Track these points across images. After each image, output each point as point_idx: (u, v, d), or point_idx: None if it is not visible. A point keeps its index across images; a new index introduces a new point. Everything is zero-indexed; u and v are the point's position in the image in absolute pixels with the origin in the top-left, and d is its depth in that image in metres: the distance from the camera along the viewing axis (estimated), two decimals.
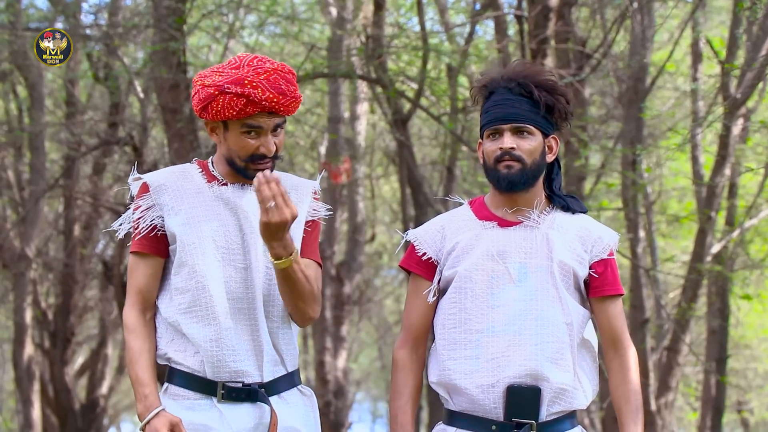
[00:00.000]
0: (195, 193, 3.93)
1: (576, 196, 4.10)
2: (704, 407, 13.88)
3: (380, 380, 28.24)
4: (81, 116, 13.93)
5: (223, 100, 3.82)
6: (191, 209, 3.89)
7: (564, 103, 3.94)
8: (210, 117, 3.89)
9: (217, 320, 3.82)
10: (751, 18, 8.36)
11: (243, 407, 3.84)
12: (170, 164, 10.22)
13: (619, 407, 3.94)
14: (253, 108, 3.82)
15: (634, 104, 10.59)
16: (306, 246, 3.98)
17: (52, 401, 15.42)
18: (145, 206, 3.92)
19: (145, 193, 3.94)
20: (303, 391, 4.00)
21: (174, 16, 9.90)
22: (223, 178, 3.96)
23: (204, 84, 3.86)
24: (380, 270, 20.88)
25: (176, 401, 3.86)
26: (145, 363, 3.86)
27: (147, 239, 3.91)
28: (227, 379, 3.83)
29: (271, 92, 3.83)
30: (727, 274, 11.86)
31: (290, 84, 3.88)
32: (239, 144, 3.87)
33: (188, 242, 3.86)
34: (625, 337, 3.96)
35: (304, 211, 4.01)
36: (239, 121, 3.85)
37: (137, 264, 3.92)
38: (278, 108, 3.85)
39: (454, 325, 3.90)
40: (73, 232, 14.87)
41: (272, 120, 3.87)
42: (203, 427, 3.82)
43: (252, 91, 3.81)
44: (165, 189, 3.93)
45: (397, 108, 11.73)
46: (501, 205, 3.96)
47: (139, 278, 3.91)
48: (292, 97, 3.87)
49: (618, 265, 4.04)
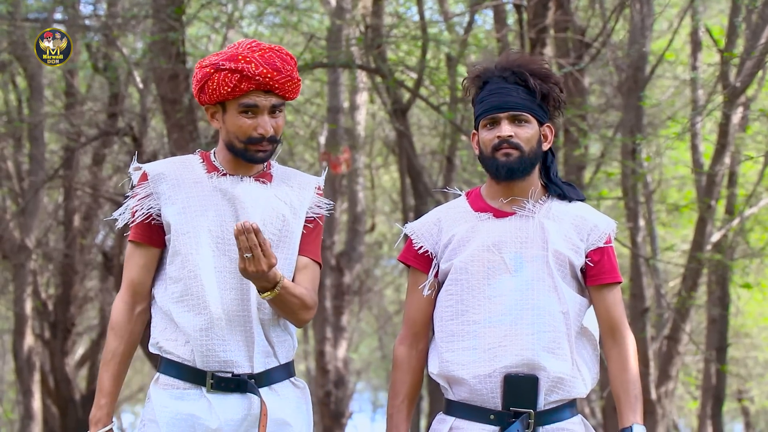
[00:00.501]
0: (193, 183, 3.92)
1: (573, 184, 4.09)
2: (704, 396, 13.90)
3: (381, 370, 28.25)
4: (80, 107, 13.92)
5: (218, 78, 3.84)
6: (188, 199, 3.88)
7: (558, 92, 3.94)
8: (207, 99, 3.89)
9: (207, 309, 3.81)
10: (750, 6, 8.36)
11: (232, 398, 3.83)
12: (170, 155, 10.23)
13: (617, 396, 3.93)
14: (247, 84, 3.83)
15: (634, 93, 10.58)
16: (305, 244, 3.97)
17: (52, 392, 15.43)
18: (143, 194, 3.92)
19: (143, 181, 3.94)
20: (296, 384, 3.97)
21: (173, 7, 9.89)
22: (223, 168, 3.96)
23: (201, 65, 3.90)
24: (380, 260, 20.88)
25: (165, 390, 3.86)
26: (113, 370, 3.88)
27: (142, 228, 3.91)
28: (216, 369, 3.82)
29: (265, 67, 3.83)
30: (727, 263, 11.86)
31: (286, 63, 3.88)
32: (236, 124, 3.87)
33: (183, 231, 3.86)
34: (624, 325, 3.95)
35: (305, 207, 4.00)
36: (235, 100, 3.85)
37: (132, 254, 3.93)
38: (273, 85, 3.85)
39: (452, 317, 3.90)
40: (72, 222, 14.86)
41: (268, 99, 3.86)
42: (190, 417, 3.81)
43: (245, 66, 3.82)
44: (163, 178, 3.93)
45: (396, 98, 11.72)
46: (497, 196, 3.96)
47: (132, 269, 3.92)
48: (287, 75, 3.87)
49: (618, 255, 4.03)
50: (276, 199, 3.94)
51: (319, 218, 4.03)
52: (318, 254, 4.01)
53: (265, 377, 3.87)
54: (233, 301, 3.84)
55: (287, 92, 3.90)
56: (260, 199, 3.92)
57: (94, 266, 15.73)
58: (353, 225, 14.77)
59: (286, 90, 3.89)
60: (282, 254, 3.89)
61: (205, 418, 3.80)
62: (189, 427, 3.81)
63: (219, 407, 3.81)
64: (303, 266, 3.96)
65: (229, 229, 3.85)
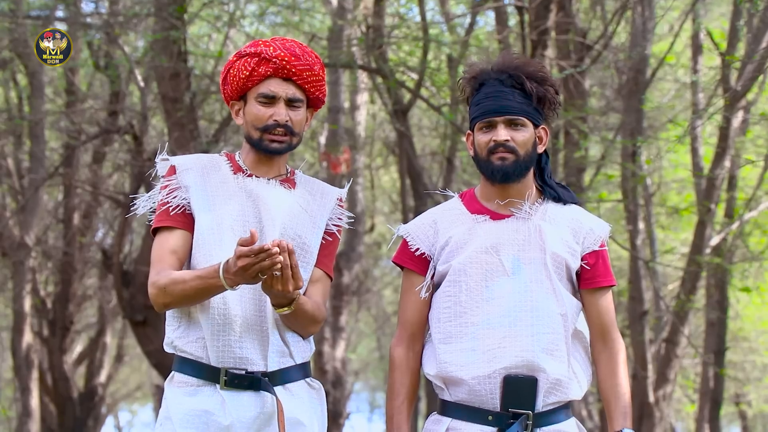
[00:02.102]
0: (220, 182, 3.94)
1: (567, 186, 4.10)
2: (702, 399, 13.89)
3: (379, 370, 28.25)
4: (81, 105, 13.91)
5: (239, 64, 3.91)
6: (214, 197, 3.89)
7: (553, 94, 3.95)
8: (230, 90, 3.94)
9: (226, 306, 3.81)
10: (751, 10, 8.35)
11: (245, 395, 3.83)
12: (170, 153, 10.22)
13: (607, 400, 3.94)
14: (265, 67, 3.88)
15: (635, 96, 10.58)
16: (322, 257, 3.99)
17: (50, 389, 15.43)
18: (173, 186, 3.93)
19: (172, 174, 3.95)
20: (311, 384, 3.98)
21: (175, 5, 9.89)
22: (248, 169, 3.97)
23: (228, 60, 3.97)
24: (379, 260, 20.87)
25: (180, 388, 3.87)
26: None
27: (176, 215, 3.89)
28: (231, 366, 3.82)
29: (283, 51, 3.88)
30: (726, 267, 11.86)
31: (307, 54, 3.93)
32: (254, 113, 3.91)
33: (207, 227, 3.86)
34: (614, 329, 3.97)
35: (325, 218, 4.02)
36: (255, 89, 3.90)
37: (167, 237, 3.87)
38: (291, 70, 3.89)
39: (450, 318, 3.90)
40: (72, 220, 14.86)
41: (286, 88, 3.90)
42: (204, 413, 3.81)
43: (264, 49, 3.89)
44: (191, 172, 3.95)
45: (397, 98, 11.72)
46: (492, 198, 3.96)
47: (172, 242, 3.86)
48: (307, 64, 3.90)
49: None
50: (298, 207, 3.95)
51: (338, 230, 4.05)
52: (331, 268, 4.04)
53: (279, 376, 3.88)
54: (251, 300, 3.84)
55: (308, 84, 3.92)
56: (284, 203, 3.93)
57: (93, 264, 15.73)
58: (352, 225, 14.77)
59: (306, 81, 3.91)
60: (300, 261, 3.89)
61: (218, 414, 3.81)
62: (202, 423, 3.81)
63: (232, 404, 3.81)
64: (317, 279, 3.98)
65: (249, 229, 3.81)
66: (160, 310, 3.86)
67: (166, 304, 3.80)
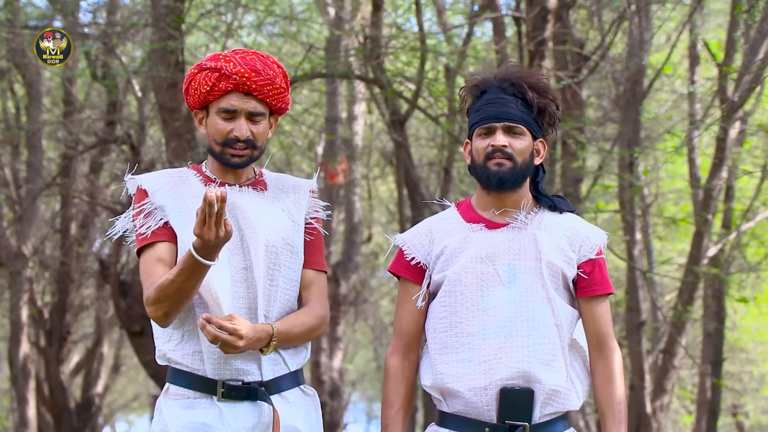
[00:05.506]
0: (193, 196, 3.91)
1: (563, 196, 4.10)
2: (699, 410, 13.87)
3: (376, 381, 28.22)
4: (78, 115, 13.91)
5: (199, 77, 3.88)
6: (191, 212, 3.85)
7: (554, 108, 3.94)
8: (192, 101, 3.93)
9: None
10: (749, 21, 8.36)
11: (243, 406, 3.83)
12: (167, 163, 10.22)
13: (602, 410, 3.93)
14: (225, 83, 3.85)
15: (632, 106, 10.59)
16: (309, 256, 3.99)
17: (47, 400, 15.40)
18: (148, 210, 3.90)
19: (144, 197, 3.93)
20: (305, 391, 3.98)
21: (172, 16, 9.90)
22: (217, 178, 3.96)
23: (189, 71, 3.94)
24: (376, 270, 20.86)
25: (176, 401, 3.86)
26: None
27: (157, 230, 3.87)
28: (227, 378, 3.82)
29: (243, 67, 3.86)
30: (724, 277, 11.85)
31: (268, 68, 3.89)
32: (215, 127, 3.89)
33: (189, 243, 3.84)
34: (610, 338, 3.95)
35: (302, 213, 4.01)
36: (216, 103, 3.87)
37: (152, 252, 3.84)
38: (251, 86, 3.86)
39: (445, 329, 3.90)
40: (69, 230, 14.85)
41: (247, 103, 3.87)
42: (203, 426, 3.81)
43: (224, 65, 3.86)
44: (163, 192, 3.93)
45: (394, 109, 11.72)
46: (488, 207, 3.96)
47: (157, 253, 3.84)
48: (267, 79, 3.87)
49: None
50: (276, 209, 3.95)
51: (317, 221, 4.03)
52: (322, 262, 4.03)
53: (274, 385, 3.88)
54: (242, 310, 3.83)
55: (269, 98, 3.90)
56: (260, 208, 3.92)
57: (90, 274, 15.71)
58: (350, 235, 14.77)
59: (267, 95, 3.89)
60: (288, 264, 3.90)
61: (217, 426, 3.80)
62: None
63: (230, 415, 3.81)
64: (310, 281, 3.98)
65: (232, 240, 3.81)
66: (166, 324, 3.82)
67: (166, 314, 3.76)
